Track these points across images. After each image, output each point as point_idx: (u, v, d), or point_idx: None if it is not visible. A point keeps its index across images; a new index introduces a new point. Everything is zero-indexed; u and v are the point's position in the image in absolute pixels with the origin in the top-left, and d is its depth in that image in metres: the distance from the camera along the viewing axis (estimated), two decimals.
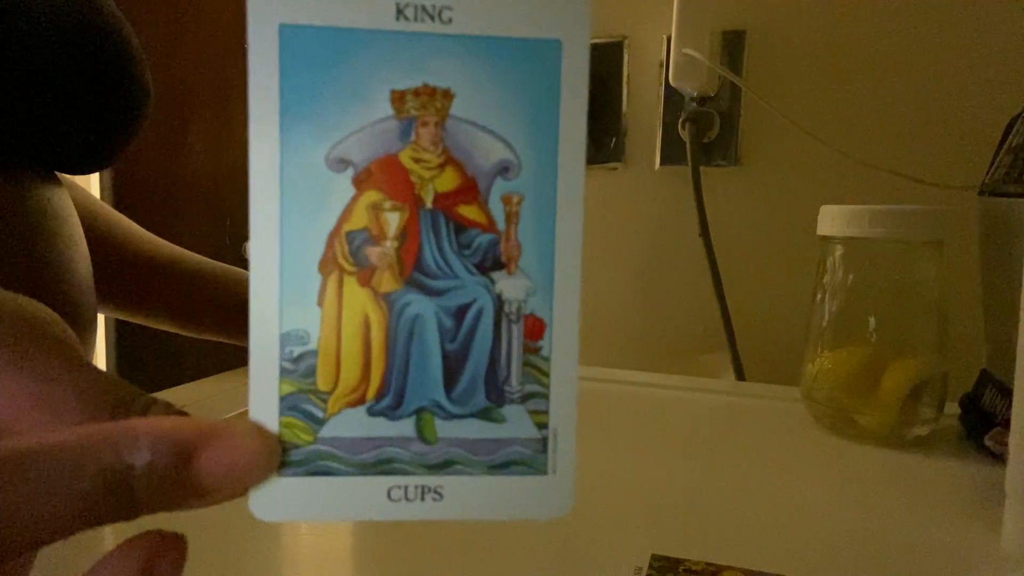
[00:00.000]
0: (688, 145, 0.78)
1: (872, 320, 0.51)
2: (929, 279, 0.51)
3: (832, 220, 0.52)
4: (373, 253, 0.18)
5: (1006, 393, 0.47)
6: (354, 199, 0.18)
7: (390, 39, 0.17)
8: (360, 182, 0.18)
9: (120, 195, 1.66)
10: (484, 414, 0.18)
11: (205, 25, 1.56)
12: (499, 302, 0.18)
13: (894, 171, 0.67)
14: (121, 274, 0.54)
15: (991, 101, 0.70)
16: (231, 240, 1.55)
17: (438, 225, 0.18)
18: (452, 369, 0.18)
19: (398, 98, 0.18)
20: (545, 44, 0.18)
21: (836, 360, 0.52)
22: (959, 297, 0.52)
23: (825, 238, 0.54)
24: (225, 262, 0.60)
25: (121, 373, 1.71)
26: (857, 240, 0.51)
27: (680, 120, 0.80)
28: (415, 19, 0.17)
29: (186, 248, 0.59)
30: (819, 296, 0.54)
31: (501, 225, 0.18)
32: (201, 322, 0.57)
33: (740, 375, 0.77)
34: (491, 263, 0.18)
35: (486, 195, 0.18)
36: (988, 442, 0.47)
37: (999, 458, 0.46)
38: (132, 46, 0.40)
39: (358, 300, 0.18)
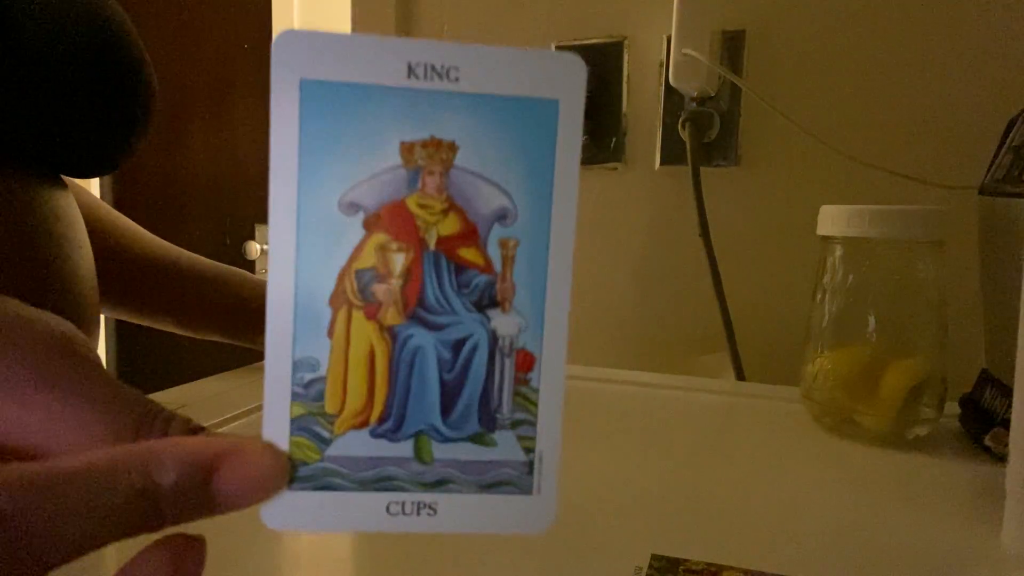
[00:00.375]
0: (688, 145, 0.78)
1: (872, 320, 0.51)
2: (929, 279, 0.51)
3: (832, 220, 0.52)
4: (380, 290, 0.19)
5: (1006, 393, 0.47)
6: (364, 240, 0.19)
7: (401, 95, 0.19)
8: (370, 224, 0.19)
9: (120, 195, 1.66)
10: (477, 438, 0.20)
11: (205, 26, 1.56)
12: (493, 337, 0.20)
13: (894, 171, 0.68)
14: (123, 275, 0.54)
15: (991, 101, 0.70)
16: (231, 240, 1.55)
17: (440, 266, 0.20)
18: (449, 397, 0.20)
19: (407, 149, 0.19)
20: (544, 104, 0.19)
21: (836, 360, 0.52)
22: (959, 297, 0.52)
23: (825, 238, 0.54)
24: (225, 262, 0.60)
25: (121, 373, 1.70)
26: (857, 240, 0.51)
27: (680, 120, 0.80)
28: (425, 77, 0.19)
29: (186, 248, 0.59)
30: (819, 296, 0.54)
31: (498, 267, 0.20)
32: (201, 323, 0.57)
33: (740, 375, 0.77)
34: (487, 301, 0.20)
35: (485, 239, 0.20)
36: (988, 442, 0.47)
37: (999, 458, 0.46)
38: (140, 51, 0.41)
39: (365, 332, 0.19)
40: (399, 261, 0.19)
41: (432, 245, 0.19)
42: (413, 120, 0.19)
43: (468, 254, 0.20)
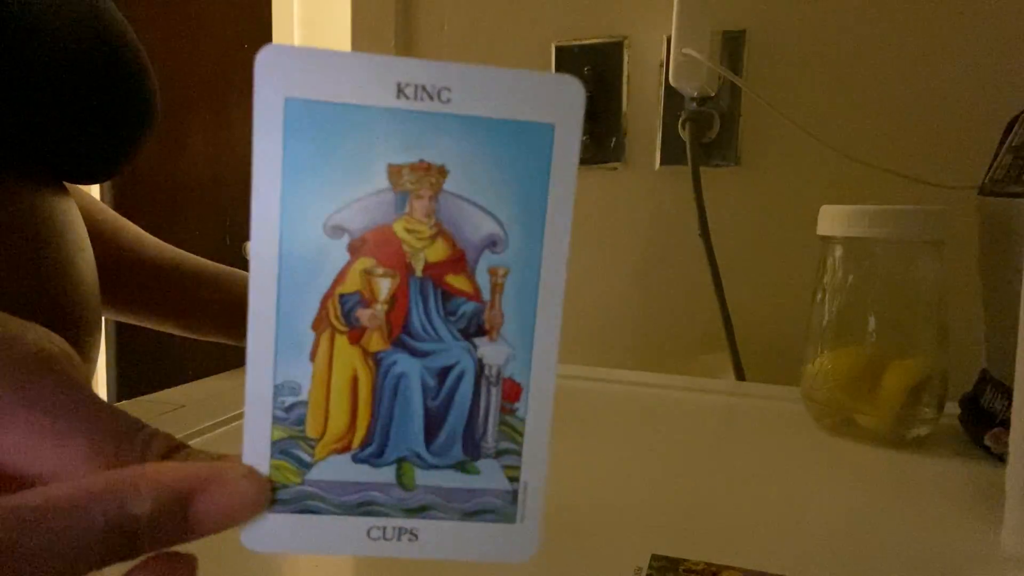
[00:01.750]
0: (688, 145, 0.78)
1: (872, 320, 0.51)
2: (929, 279, 0.51)
3: (832, 220, 0.52)
4: (364, 315, 0.19)
5: (1006, 393, 0.47)
6: (348, 264, 0.19)
7: (390, 116, 0.18)
8: (355, 249, 0.19)
9: (120, 195, 1.66)
10: (460, 466, 0.20)
11: (205, 26, 1.56)
12: (480, 366, 0.20)
13: (894, 171, 0.67)
14: (123, 277, 0.54)
15: (991, 101, 0.70)
16: (231, 240, 1.55)
17: (427, 292, 0.19)
18: (432, 424, 0.20)
19: (395, 172, 0.19)
20: (539, 128, 0.19)
21: (836, 360, 0.52)
22: (959, 297, 0.52)
23: (825, 238, 0.54)
24: (225, 262, 0.60)
25: (121, 373, 1.70)
26: (857, 240, 0.51)
27: (680, 120, 0.80)
28: (415, 98, 0.18)
29: (186, 249, 0.59)
30: (819, 296, 0.54)
31: (486, 295, 0.19)
32: (202, 323, 0.57)
33: (740, 375, 0.77)
34: (475, 329, 0.20)
35: (474, 266, 0.19)
36: (988, 442, 0.47)
37: (999, 458, 0.46)
38: (141, 57, 0.41)
39: (348, 357, 0.19)
40: (384, 286, 0.19)
41: (419, 271, 0.19)
42: (402, 142, 0.18)
43: (456, 281, 0.19)
